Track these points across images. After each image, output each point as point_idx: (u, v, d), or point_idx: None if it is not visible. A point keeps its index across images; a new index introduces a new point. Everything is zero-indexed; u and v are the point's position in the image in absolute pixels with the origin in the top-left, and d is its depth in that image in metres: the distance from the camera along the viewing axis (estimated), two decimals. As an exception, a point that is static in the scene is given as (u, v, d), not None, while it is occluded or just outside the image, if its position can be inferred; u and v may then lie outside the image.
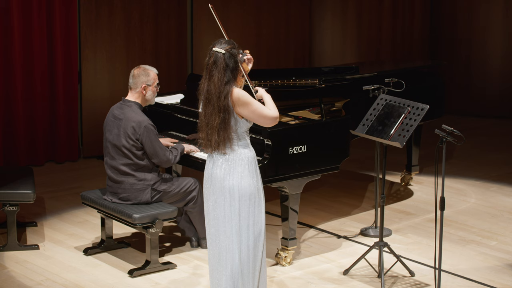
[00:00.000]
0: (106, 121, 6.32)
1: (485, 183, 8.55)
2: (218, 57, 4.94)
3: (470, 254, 6.64)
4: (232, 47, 4.99)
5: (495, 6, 11.50)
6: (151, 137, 6.13)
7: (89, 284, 5.98)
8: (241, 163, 4.97)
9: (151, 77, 6.23)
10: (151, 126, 6.15)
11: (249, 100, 4.92)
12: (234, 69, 4.95)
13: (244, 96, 4.91)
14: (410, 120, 5.85)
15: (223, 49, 4.95)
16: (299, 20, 10.88)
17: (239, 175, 4.97)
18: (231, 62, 4.94)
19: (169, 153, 6.23)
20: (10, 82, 8.64)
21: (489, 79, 11.65)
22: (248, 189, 4.96)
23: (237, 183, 4.95)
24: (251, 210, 4.98)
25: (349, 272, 6.20)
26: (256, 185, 5.00)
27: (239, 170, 4.97)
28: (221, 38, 5.10)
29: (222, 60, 4.93)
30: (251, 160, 4.99)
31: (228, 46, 4.99)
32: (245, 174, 4.96)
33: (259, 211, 5.01)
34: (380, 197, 6.15)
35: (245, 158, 4.97)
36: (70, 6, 8.87)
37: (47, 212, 7.48)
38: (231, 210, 4.98)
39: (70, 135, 9.07)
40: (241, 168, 4.97)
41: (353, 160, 7.70)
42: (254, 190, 4.98)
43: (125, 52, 9.35)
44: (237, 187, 4.95)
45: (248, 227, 4.99)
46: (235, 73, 4.97)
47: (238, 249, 4.98)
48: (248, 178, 4.96)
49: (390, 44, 11.69)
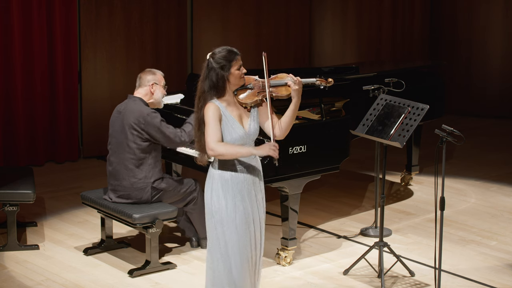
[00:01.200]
0: (111, 119, 6.33)
1: (485, 183, 8.55)
2: (205, 62, 4.78)
3: (470, 254, 6.64)
4: (221, 57, 4.73)
5: (495, 6, 11.50)
6: (156, 123, 6.08)
7: (89, 284, 5.98)
8: (211, 180, 4.84)
9: (158, 76, 6.26)
10: (154, 113, 6.11)
11: (207, 119, 4.70)
12: (214, 82, 4.73)
13: (206, 113, 4.71)
14: (410, 120, 5.85)
15: (211, 56, 4.75)
16: (299, 20, 10.88)
17: (209, 192, 4.84)
18: (211, 74, 4.74)
19: (181, 133, 6.16)
20: (10, 82, 8.64)
21: (489, 79, 11.65)
22: (211, 207, 4.82)
23: (208, 200, 4.85)
24: (212, 228, 4.84)
25: (349, 272, 6.20)
26: (221, 205, 4.79)
27: (209, 186, 4.84)
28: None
29: (205, 67, 4.77)
30: (220, 180, 4.79)
31: (219, 55, 4.74)
32: (214, 192, 4.81)
33: (221, 232, 4.82)
34: (380, 197, 6.15)
35: (215, 176, 4.81)
36: (70, 6, 8.87)
37: (47, 212, 7.48)
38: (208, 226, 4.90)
39: (70, 135, 9.07)
40: (211, 184, 4.83)
41: (353, 160, 7.70)
42: (217, 209, 4.80)
43: (125, 52, 9.35)
44: (208, 204, 4.85)
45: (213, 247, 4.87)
46: (215, 87, 4.73)
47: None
48: (215, 197, 4.81)
49: (390, 44, 11.68)
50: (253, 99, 4.81)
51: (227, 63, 4.73)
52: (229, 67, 4.73)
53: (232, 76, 4.75)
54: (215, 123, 4.70)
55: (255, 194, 4.87)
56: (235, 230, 4.80)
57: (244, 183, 4.82)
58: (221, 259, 4.83)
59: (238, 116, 4.81)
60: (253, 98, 4.81)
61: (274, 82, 4.83)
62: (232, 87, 4.79)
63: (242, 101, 4.81)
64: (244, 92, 4.82)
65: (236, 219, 4.79)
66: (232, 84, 4.78)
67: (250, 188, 4.84)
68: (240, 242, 4.81)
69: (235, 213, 4.79)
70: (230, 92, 4.80)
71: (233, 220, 4.79)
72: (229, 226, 4.80)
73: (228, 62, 4.73)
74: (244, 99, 4.81)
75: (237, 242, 4.80)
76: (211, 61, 4.74)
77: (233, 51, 4.78)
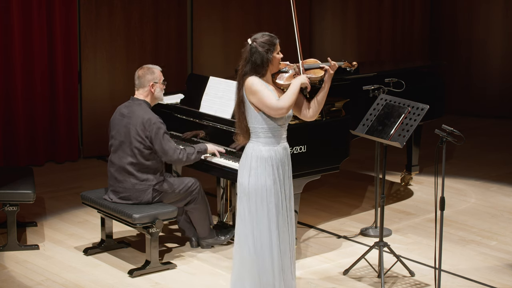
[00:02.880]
0: (112, 120, 6.32)
1: (485, 183, 8.55)
2: (246, 47, 4.98)
3: (470, 254, 6.64)
4: (264, 41, 4.96)
5: (495, 6, 11.50)
6: (160, 135, 6.11)
7: (89, 284, 5.98)
8: (251, 159, 4.99)
9: (157, 74, 6.26)
10: (161, 123, 6.14)
11: (258, 88, 4.91)
12: (258, 64, 4.94)
13: (254, 84, 4.92)
14: (410, 120, 5.85)
15: (253, 40, 4.97)
16: (299, 20, 10.86)
17: (247, 170, 4.99)
18: (254, 56, 4.93)
19: (180, 152, 6.19)
20: (10, 81, 8.64)
21: (489, 79, 11.65)
22: (253, 187, 4.97)
23: (246, 179, 4.99)
24: (258, 207, 4.99)
25: (349, 272, 6.20)
26: (264, 183, 4.97)
27: (247, 165, 4.99)
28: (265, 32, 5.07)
29: (247, 51, 4.97)
30: (261, 158, 4.97)
31: (261, 38, 4.97)
32: (253, 170, 4.98)
33: (262, 210, 5.00)
34: (380, 197, 6.15)
35: (254, 155, 4.98)
36: (70, 6, 8.87)
37: (47, 212, 7.48)
38: (242, 207, 5.03)
39: (70, 135, 9.06)
40: (250, 163, 4.98)
41: (353, 160, 7.70)
42: (262, 187, 4.97)
43: (125, 52, 9.35)
44: (246, 183, 4.99)
45: (256, 224, 5.00)
46: (259, 68, 4.94)
47: (254, 248, 5.03)
48: (256, 175, 4.97)
49: (390, 44, 11.68)
50: (290, 81, 5.03)
51: (271, 47, 4.98)
52: (272, 51, 4.98)
53: (274, 59, 5.00)
54: (265, 88, 4.93)
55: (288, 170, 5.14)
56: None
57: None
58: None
59: (277, 96, 5.01)
60: (290, 80, 5.04)
61: (307, 66, 5.14)
62: (272, 70, 5.04)
63: (281, 84, 5.05)
64: (280, 75, 5.07)
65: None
66: (273, 67, 5.02)
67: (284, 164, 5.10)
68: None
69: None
70: (269, 75, 5.03)
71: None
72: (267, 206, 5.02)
73: (271, 46, 4.98)
74: (283, 82, 5.05)
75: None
76: (255, 45, 4.95)
77: (274, 36, 5.05)
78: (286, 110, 4.93)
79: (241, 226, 5.07)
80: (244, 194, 5.02)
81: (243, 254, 5.07)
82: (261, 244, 5.02)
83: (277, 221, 5.03)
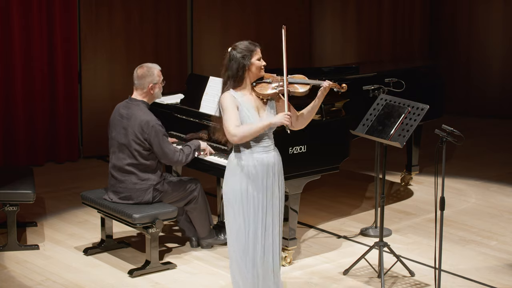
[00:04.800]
0: (111, 119, 6.31)
1: (485, 183, 8.55)
2: (226, 56, 4.96)
3: (470, 254, 6.64)
4: (242, 48, 4.92)
5: (495, 6, 11.50)
6: (159, 137, 6.11)
7: (89, 284, 5.98)
8: (229, 165, 4.99)
9: (156, 75, 6.26)
10: (160, 126, 6.14)
11: (226, 106, 4.86)
12: (234, 72, 4.90)
13: (224, 102, 4.87)
14: (410, 120, 5.85)
15: (232, 48, 4.94)
16: (299, 20, 10.88)
17: (226, 178, 5.01)
18: (231, 64, 4.91)
19: (179, 154, 6.20)
20: (10, 82, 8.64)
21: (489, 79, 11.65)
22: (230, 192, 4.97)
23: (225, 187, 5.01)
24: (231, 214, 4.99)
25: (349, 272, 6.20)
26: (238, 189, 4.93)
27: (227, 173, 5.00)
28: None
29: (226, 60, 4.95)
30: (237, 164, 4.93)
31: (240, 46, 4.94)
32: (228, 177, 4.98)
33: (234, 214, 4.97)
34: (380, 197, 6.16)
35: (232, 161, 4.97)
36: (70, 6, 8.87)
37: (47, 212, 7.48)
38: (226, 213, 5.03)
39: (70, 135, 9.07)
40: (229, 171, 4.98)
41: (353, 160, 7.69)
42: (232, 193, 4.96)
43: (125, 52, 9.35)
44: (224, 190, 5.01)
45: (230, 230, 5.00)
46: (235, 76, 4.90)
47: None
48: (231, 181, 4.96)
49: (390, 44, 11.68)
50: (270, 92, 4.96)
51: (248, 53, 4.92)
52: (250, 57, 4.91)
53: (252, 66, 4.92)
54: (232, 109, 4.85)
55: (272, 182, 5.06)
56: None
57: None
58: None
59: (255, 107, 4.94)
60: (270, 90, 4.96)
61: (293, 80, 5.03)
62: (252, 77, 4.95)
63: (259, 93, 4.96)
64: (262, 85, 4.99)
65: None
66: (252, 74, 4.94)
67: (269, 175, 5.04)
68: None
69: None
70: (249, 83, 4.96)
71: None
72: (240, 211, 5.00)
73: (249, 52, 4.92)
74: (261, 90, 4.96)
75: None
76: (233, 52, 4.92)
77: (253, 43, 4.99)
78: (238, 140, 4.84)
79: (227, 231, 5.09)
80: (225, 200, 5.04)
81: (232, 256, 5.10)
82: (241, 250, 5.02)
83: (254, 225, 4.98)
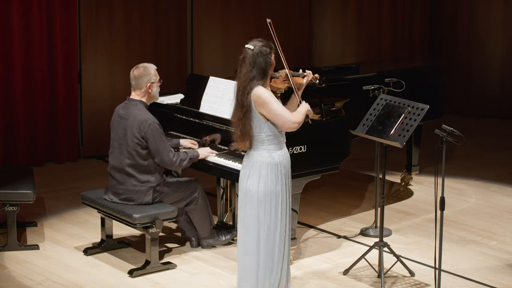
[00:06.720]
0: (112, 122, 6.32)
1: (485, 183, 8.55)
2: (248, 53, 5.00)
3: (470, 254, 6.64)
4: (264, 45, 5.02)
5: (495, 6, 11.50)
6: (155, 136, 6.11)
7: (89, 284, 5.98)
8: (260, 166, 5.03)
9: (152, 74, 6.26)
10: (157, 124, 6.14)
11: (267, 99, 4.96)
12: (262, 68, 5.00)
13: (263, 95, 4.96)
14: (410, 120, 5.85)
15: (253, 46, 5.00)
16: (299, 20, 10.88)
17: (257, 178, 5.04)
18: (259, 60, 4.99)
19: (173, 155, 6.20)
20: (10, 82, 8.64)
21: (489, 79, 11.64)
22: (264, 192, 5.03)
23: (255, 186, 5.04)
24: (267, 213, 5.05)
25: (349, 272, 6.20)
26: (273, 189, 5.04)
27: (256, 173, 5.03)
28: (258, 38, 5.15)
29: (250, 57, 4.99)
30: (271, 164, 5.03)
31: (260, 43, 5.02)
32: (262, 178, 5.03)
33: (276, 215, 5.07)
34: (380, 197, 6.16)
35: (264, 162, 5.03)
36: (70, 6, 8.87)
37: (47, 212, 7.48)
38: (249, 212, 5.07)
39: (70, 135, 9.07)
40: (259, 171, 5.03)
41: (353, 160, 7.69)
42: (271, 193, 5.04)
43: (125, 52, 9.35)
44: (255, 190, 5.04)
45: (269, 229, 5.06)
46: (263, 72, 5.01)
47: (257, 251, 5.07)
48: (266, 182, 5.04)
49: (390, 44, 11.68)
50: (283, 86, 5.19)
51: (271, 50, 5.06)
52: (272, 54, 5.07)
53: (273, 64, 5.08)
54: (276, 101, 5.02)
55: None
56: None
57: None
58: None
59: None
60: (283, 84, 5.20)
61: (293, 73, 5.29)
62: (270, 74, 5.12)
63: (276, 87, 5.17)
64: (273, 80, 5.19)
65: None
66: (271, 71, 5.11)
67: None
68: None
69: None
70: (269, 80, 5.14)
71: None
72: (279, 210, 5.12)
73: (271, 49, 5.06)
74: (277, 85, 5.18)
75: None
76: (257, 49, 5.00)
77: (269, 43, 5.12)
78: (298, 125, 5.06)
79: (243, 232, 5.11)
80: (251, 200, 5.07)
81: (245, 259, 5.11)
82: (265, 252, 5.07)
83: (284, 226, 5.11)
